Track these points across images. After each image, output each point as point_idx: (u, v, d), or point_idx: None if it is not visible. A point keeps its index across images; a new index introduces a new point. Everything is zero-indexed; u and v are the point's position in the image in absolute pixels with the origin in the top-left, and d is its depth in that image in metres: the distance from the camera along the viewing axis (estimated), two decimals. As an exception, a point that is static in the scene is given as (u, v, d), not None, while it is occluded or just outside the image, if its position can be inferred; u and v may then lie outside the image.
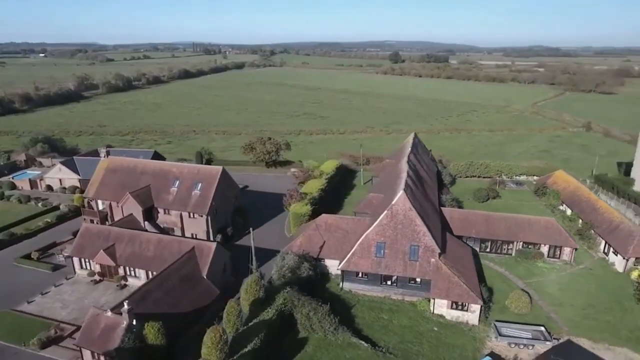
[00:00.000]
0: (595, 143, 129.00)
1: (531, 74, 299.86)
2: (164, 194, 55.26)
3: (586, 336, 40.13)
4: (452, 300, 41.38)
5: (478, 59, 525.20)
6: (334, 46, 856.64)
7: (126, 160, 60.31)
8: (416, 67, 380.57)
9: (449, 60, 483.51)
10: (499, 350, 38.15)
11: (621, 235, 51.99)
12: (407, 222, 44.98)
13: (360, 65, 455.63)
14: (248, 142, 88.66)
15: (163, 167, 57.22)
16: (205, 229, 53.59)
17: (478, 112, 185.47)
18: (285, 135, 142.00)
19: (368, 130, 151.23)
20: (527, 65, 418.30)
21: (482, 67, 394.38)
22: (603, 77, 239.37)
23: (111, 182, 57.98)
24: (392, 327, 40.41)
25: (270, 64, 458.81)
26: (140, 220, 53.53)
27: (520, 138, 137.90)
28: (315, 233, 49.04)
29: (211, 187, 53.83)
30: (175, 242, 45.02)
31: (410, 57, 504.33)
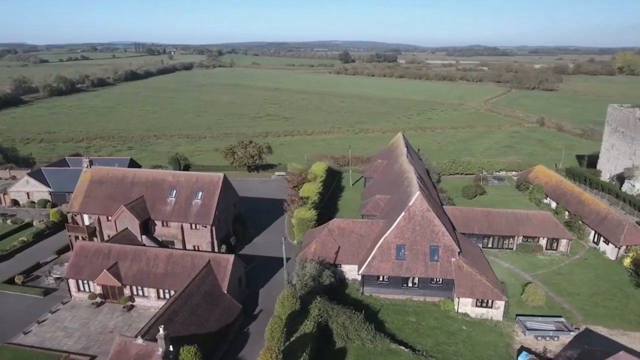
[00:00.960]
0: (551, 138, 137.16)
1: (478, 73, 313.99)
2: (161, 204, 51.80)
3: (601, 324, 42.09)
4: (478, 298, 41.93)
5: (424, 58, 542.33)
6: (282, 46, 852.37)
7: (113, 170, 55.93)
8: (368, 66, 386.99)
9: (397, 59, 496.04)
10: (527, 344, 39.08)
11: (611, 225, 55.23)
12: (425, 223, 45.08)
13: (312, 65, 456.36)
14: (229, 146, 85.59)
15: (157, 176, 53.61)
16: (210, 240, 50.84)
17: (437, 110, 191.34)
18: (252, 137, 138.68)
19: (335, 130, 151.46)
20: (470, 64, 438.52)
21: (430, 66, 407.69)
22: (545, 74, 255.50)
23: (98, 194, 53.54)
24: (422, 329, 40.29)
25: (219, 65, 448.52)
26: (137, 235, 49.82)
27: (482, 135, 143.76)
28: (328, 238, 47.95)
29: (213, 195, 51.13)
30: (188, 257, 42.22)
31: (360, 57, 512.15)
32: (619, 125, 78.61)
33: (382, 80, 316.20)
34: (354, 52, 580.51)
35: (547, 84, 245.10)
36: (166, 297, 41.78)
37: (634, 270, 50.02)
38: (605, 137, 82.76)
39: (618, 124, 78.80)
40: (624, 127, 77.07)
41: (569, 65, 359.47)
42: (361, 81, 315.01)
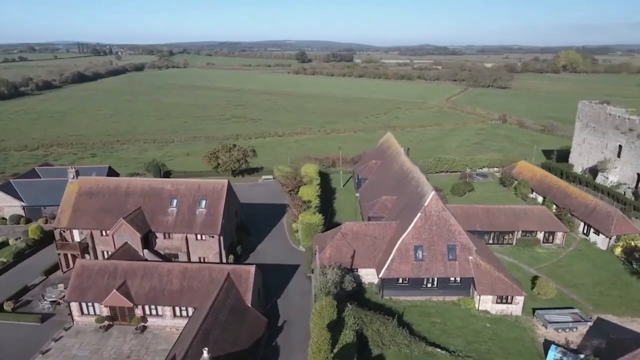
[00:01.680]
0: (515, 133, 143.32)
1: (435, 72, 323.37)
2: (161, 215, 48.73)
3: (610, 312, 43.98)
4: (498, 295, 42.60)
5: (379, 57, 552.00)
6: (235, 46, 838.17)
7: (104, 180, 52.01)
8: (327, 66, 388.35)
9: (353, 59, 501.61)
10: (550, 337, 40.09)
11: (600, 217, 58.10)
12: (441, 222, 45.26)
13: (269, 65, 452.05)
14: (212, 151, 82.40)
15: (154, 186, 50.36)
16: (217, 251, 48.44)
17: (402, 109, 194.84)
18: (223, 140, 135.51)
19: (306, 131, 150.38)
20: (424, 63, 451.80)
21: (386, 65, 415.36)
22: (498, 73, 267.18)
23: (89, 207, 49.57)
24: (449, 329, 40.36)
25: (172, 65, 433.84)
26: (138, 249, 46.60)
27: (450, 132, 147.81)
28: (343, 242, 47.05)
29: (219, 203, 48.74)
30: (205, 270, 39.90)
31: (316, 57, 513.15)
32: (589, 120, 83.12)
33: (342, 80, 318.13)
34: (310, 51, 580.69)
35: (501, 82, 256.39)
36: (183, 315, 39.33)
37: (626, 259, 52.83)
38: (577, 132, 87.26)
39: (589, 119, 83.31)
40: (594, 123, 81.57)
41: (517, 64, 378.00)
42: (321, 81, 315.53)
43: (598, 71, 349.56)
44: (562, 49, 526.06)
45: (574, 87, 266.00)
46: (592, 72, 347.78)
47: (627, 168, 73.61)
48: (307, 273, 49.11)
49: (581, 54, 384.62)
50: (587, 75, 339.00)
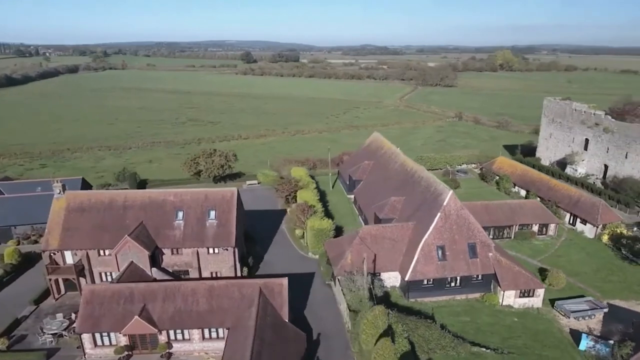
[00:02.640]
0: (473, 130, 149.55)
1: (384, 71, 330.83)
2: (167, 230, 45.04)
3: (617, 297, 46.47)
4: (521, 289, 43.62)
5: (324, 57, 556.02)
6: (173, 46, 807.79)
7: (95, 194, 47.18)
8: (275, 66, 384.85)
9: (299, 59, 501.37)
10: (573, 325, 41.64)
11: (586, 207, 61.62)
12: (461, 221, 45.65)
13: (214, 65, 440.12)
14: (193, 157, 77.96)
15: (155, 197, 46.41)
16: (232, 264, 45.57)
17: (360, 109, 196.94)
18: (186, 145, 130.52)
19: (270, 133, 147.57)
20: (370, 62, 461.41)
21: (333, 65, 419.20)
22: (445, 72, 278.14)
23: (82, 225, 44.73)
24: (482, 327, 40.70)
25: (110, 67, 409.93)
26: (146, 268, 42.74)
27: (413, 131, 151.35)
28: (362, 247, 46.06)
29: (230, 213, 45.88)
30: (234, 287, 37.25)
31: (261, 57, 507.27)
32: (555, 116, 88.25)
33: (293, 80, 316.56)
34: (253, 52, 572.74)
35: (448, 80, 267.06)
36: (213, 337, 36.51)
37: (614, 246, 56.39)
38: (543, 127, 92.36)
39: (555, 115, 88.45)
40: (561, 118, 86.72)
41: (458, 63, 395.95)
42: (272, 82, 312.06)
43: (531, 69, 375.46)
44: (494, 48, 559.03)
45: (514, 84, 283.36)
46: (526, 70, 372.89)
47: (595, 160, 78.89)
48: (326, 281, 47.65)
49: (513, 53, 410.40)
50: (522, 73, 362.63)
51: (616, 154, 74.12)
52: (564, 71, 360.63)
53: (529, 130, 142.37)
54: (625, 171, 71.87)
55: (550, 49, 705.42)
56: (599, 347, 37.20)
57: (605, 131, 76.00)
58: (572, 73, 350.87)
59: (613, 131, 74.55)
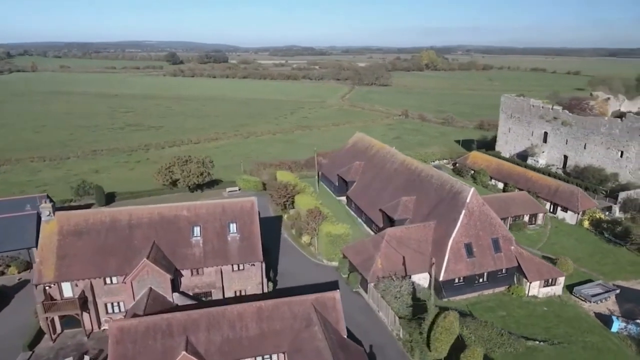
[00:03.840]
0: (422, 127, 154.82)
1: (319, 71, 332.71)
2: (183, 248, 40.35)
3: (617, 278, 49.83)
4: (546, 278, 45.15)
5: (252, 58, 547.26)
6: (85, 46, 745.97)
7: (92, 213, 40.86)
8: (205, 68, 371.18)
9: (228, 60, 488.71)
10: (595, 309, 43.90)
11: (565, 196, 65.85)
12: (483, 217, 46.28)
13: (137, 67, 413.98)
14: (167, 165, 71.38)
15: (165, 213, 41.34)
16: (259, 280, 41.98)
17: (305, 109, 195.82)
18: (132, 152, 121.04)
19: (221, 136, 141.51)
20: (300, 63, 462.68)
21: (265, 66, 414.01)
22: (379, 71, 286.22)
23: (81, 250, 38.56)
24: (520, 319, 41.43)
25: (17, 69, 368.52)
26: (166, 294, 37.91)
27: (365, 129, 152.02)
28: (390, 250, 44.94)
29: (253, 225, 42.25)
30: (284, 306, 34.08)
31: (188, 58, 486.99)
32: (514, 112, 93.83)
33: (228, 82, 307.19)
34: (178, 52, 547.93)
35: (382, 79, 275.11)
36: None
37: (596, 230, 60.87)
38: (501, 122, 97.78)
39: (513, 111, 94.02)
40: (519, 114, 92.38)
41: (386, 63, 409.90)
42: (205, 83, 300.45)
43: (453, 68, 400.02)
44: (415, 49, 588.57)
45: (441, 83, 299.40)
46: (449, 69, 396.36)
47: (554, 151, 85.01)
48: (353, 288, 45.82)
49: (436, 54, 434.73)
50: (446, 72, 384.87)
51: (575, 145, 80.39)
52: (482, 70, 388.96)
53: (472, 125, 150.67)
54: (585, 161, 78.16)
55: (464, 50, 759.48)
56: (630, 328, 39.52)
57: (564, 124, 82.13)
58: (489, 72, 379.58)
59: (571, 124, 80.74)
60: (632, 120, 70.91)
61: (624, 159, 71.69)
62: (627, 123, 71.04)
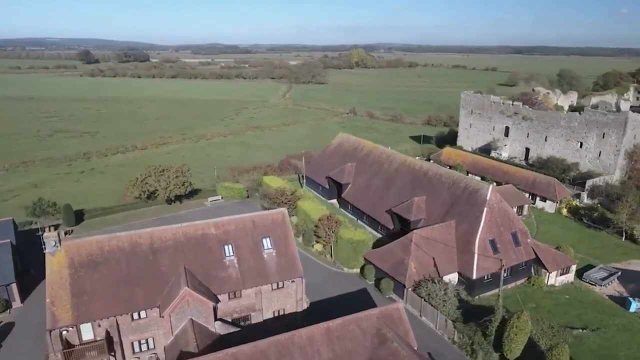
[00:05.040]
0: (373, 124, 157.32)
1: (253, 70, 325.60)
2: (217, 270, 36.28)
3: (611, 261, 53.77)
4: (562, 268, 47.38)
5: (175, 57, 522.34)
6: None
7: (107, 239, 35.01)
8: (128, 67, 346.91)
9: (149, 58, 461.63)
10: (607, 292, 46.95)
11: (542, 186, 70.10)
12: (502, 213, 47.46)
13: (46, 67, 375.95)
14: (142, 177, 64.43)
15: (192, 233, 36.75)
16: (300, 297, 39.08)
17: (249, 109, 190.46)
18: (72, 162, 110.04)
19: (169, 140, 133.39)
20: (227, 61, 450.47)
21: (191, 65, 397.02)
22: (316, 70, 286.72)
23: (100, 284, 33.04)
24: (552, 309, 42.98)
25: None
26: (209, 324, 33.83)
27: (318, 128, 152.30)
28: (420, 252, 44.40)
29: (288, 238, 39.20)
30: (350, 324, 31.77)
31: (104, 57, 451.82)
32: (474, 108, 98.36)
33: (156, 82, 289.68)
34: (92, 50, 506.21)
35: (319, 78, 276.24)
36: (341, 387, 30.77)
37: (574, 217, 65.56)
38: (462, 118, 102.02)
39: (473, 107, 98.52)
40: (480, 110, 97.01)
41: (317, 61, 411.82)
42: (131, 84, 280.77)
43: (382, 66, 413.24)
44: (340, 47, 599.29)
45: (375, 80, 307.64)
46: (379, 67, 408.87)
47: (516, 144, 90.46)
48: (387, 295, 44.61)
49: (364, 52, 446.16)
50: (375, 69, 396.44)
51: (536, 138, 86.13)
52: (409, 67, 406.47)
53: (421, 122, 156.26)
54: (546, 152, 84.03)
55: (386, 48, 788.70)
56: (647, 307, 42.72)
57: (525, 119, 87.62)
58: (415, 69, 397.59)
59: (532, 119, 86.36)
60: (589, 113, 77.43)
61: (584, 149, 78.07)
62: (585, 116, 77.41)
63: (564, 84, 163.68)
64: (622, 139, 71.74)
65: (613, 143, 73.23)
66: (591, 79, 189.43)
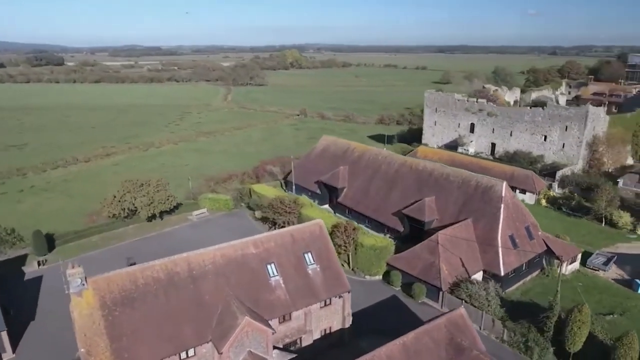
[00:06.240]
0: (327, 125, 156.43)
1: (186, 72, 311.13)
2: (265, 293, 32.82)
3: (601, 246, 57.33)
4: (571, 257, 49.53)
5: (93, 60, 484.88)
6: None
7: (139, 271, 29.92)
8: (43, 71, 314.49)
9: (64, 62, 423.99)
10: (610, 276, 49.86)
11: (521, 179, 73.49)
12: (515, 208, 48.66)
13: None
14: (120, 194, 57.41)
15: (230, 254, 32.75)
16: (348, 311, 36.67)
17: (193, 114, 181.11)
18: (5, 180, 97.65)
19: (114, 151, 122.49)
20: (152, 64, 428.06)
21: (114, 68, 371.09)
22: (254, 71, 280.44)
23: (140, 324, 28.29)
24: (574, 298, 44.36)
25: None
26: (267, 354, 30.41)
27: (273, 130, 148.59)
28: (447, 254, 44.02)
29: (329, 251, 36.59)
30: (423, 336, 30.20)
31: (9, 60, 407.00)
32: (439, 106, 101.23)
33: (80, 87, 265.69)
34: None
35: (258, 79, 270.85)
36: (423, 404, 29.16)
37: (553, 206, 69.53)
38: (427, 117, 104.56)
39: (438, 105, 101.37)
40: (444, 108, 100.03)
41: (250, 62, 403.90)
42: (50, 89, 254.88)
43: (317, 67, 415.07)
44: (269, 47, 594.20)
45: (314, 81, 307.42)
46: (313, 67, 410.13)
47: (482, 140, 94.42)
48: (419, 300, 43.62)
49: (298, 52, 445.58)
50: (311, 70, 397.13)
51: (502, 133, 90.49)
52: (342, 67, 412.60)
53: (373, 121, 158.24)
54: (512, 146, 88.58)
55: (315, 48, 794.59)
56: (652, 287, 45.93)
57: (490, 115, 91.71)
58: (349, 68, 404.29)
59: (497, 115, 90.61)
60: (552, 108, 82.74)
61: (548, 142, 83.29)
62: (549, 111, 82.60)
63: (499, 80, 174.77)
64: (584, 131, 77.43)
65: (576, 135, 78.82)
66: (519, 76, 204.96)
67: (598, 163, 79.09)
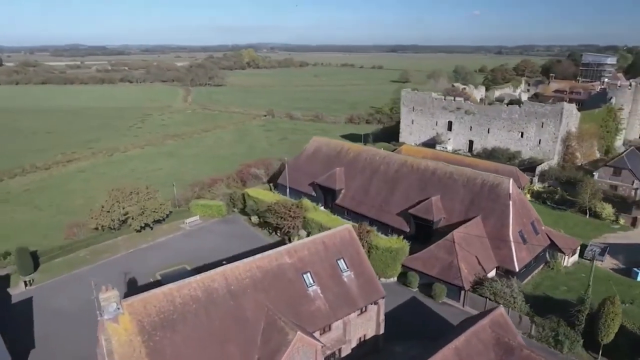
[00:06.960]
0: (296, 125, 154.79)
1: (140, 73, 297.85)
2: (305, 305, 31.15)
3: (590, 237, 59.99)
4: (573, 250, 51.33)
5: (34, 60, 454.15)
6: None
7: (176, 290, 27.19)
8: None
9: (2, 62, 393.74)
10: (608, 265, 52.14)
11: (505, 174, 74.65)
12: (521, 204, 49.81)
13: None
14: (109, 204, 53.08)
15: (265, 265, 30.63)
16: (382, 318, 35.65)
17: (155, 116, 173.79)
18: None
19: (74, 157, 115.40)
20: (100, 64, 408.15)
21: (59, 68, 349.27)
22: (213, 71, 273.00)
23: (183, 347, 25.73)
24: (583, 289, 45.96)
25: None
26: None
27: (242, 132, 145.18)
28: (463, 252, 44.23)
29: (361, 256, 35.41)
30: (472, 339, 29.88)
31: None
32: (416, 105, 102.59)
33: (25, 89, 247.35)
34: None
35: (217, 79, 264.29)
36: (480, 408, 28.82)
37: (537, 200, 72.20)
38: (404, 115, 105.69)
39: (415, 104, 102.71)
40: (421, 106, 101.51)
41: (206, 62, 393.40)
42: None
43: (274, 66, 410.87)
44: (221, 47, 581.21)
45: (274, 80, 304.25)
46: (271, 67, 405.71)
47: (460, 137, 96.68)
48: (440, 300, 43.47)
49: (254, 52, 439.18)
50: (269, 69, 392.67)
51: (479, 130, 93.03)
52: (300, 67, 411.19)
53: (343, 121, 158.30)
54: (490, 143, 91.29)
55: (268, 48, 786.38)
56: (649, 274, 48.47)
57: (467, 113, 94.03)
58: (306, 68, 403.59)
59: (474, 113, 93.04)
60: (528, 106, 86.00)
61: (525, 138, 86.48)
62: (525, 108, 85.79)
63: (459, 79, 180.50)
64: (560, 127, 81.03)
65: (551, 131, 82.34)
66: (477, 75, 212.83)
67: (572, 157, 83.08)
